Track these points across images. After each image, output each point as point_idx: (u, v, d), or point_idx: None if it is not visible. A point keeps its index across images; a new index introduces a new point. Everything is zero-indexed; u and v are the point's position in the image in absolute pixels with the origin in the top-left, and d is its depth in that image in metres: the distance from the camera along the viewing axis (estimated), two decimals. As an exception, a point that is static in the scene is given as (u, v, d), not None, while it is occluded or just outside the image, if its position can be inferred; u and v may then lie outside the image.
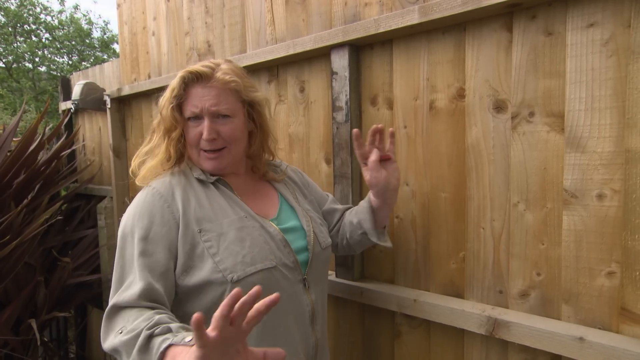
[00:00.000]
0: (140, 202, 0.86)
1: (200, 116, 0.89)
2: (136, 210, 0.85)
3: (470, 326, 0.98)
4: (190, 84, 0.89)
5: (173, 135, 0.90)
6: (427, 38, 1.06)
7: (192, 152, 0.93)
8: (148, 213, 0.84)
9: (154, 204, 0.85)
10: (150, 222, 0.83)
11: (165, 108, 0.89)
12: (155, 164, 0.91)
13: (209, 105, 0.87)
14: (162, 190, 0.87)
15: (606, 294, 0.84)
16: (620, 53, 0.80)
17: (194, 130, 0.90)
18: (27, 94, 11.58)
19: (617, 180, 0.82)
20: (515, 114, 0.93)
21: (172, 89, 0.89)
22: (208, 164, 0.92)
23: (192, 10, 1.71)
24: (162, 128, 0.91)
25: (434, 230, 1.09)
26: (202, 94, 0.88)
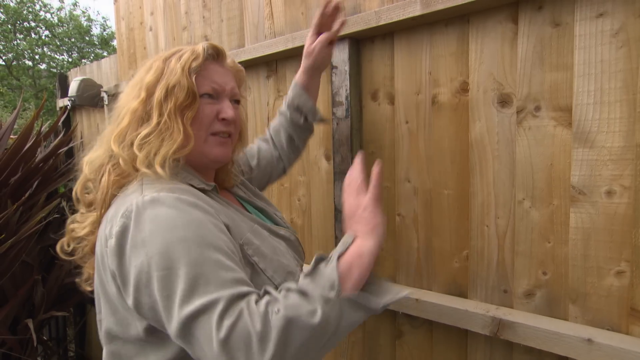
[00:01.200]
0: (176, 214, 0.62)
1: (217, 95, 0.77)
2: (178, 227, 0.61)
3: (473, 327, 0.95)
4: (208, 59, 0.77)
5: (189, 114, 0.73)
6: (429, 30, 1.03)
7: (197, 134, 0.75)
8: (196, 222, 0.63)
9: (196, 214, 0.64)
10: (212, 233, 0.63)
11: (184, 78, 0.72)
12: (172, 149, 0.70)
13: (232, 86, 0.79)
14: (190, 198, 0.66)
15: (615, 293, 0.82)
16: (631, 44, 0.77)
17: (209, 108, 0.76)
18: (27, 92, 11.55)
19: (627, 176, 0.79)
20: (521, 109, 0.90)
21: (191, 59, 0.74)
22: (218, 150, 0.77)
23: (189, 5, 1.68)
24: (172, 104, 0.71)
25: (436, 228, 1.06)
26: (222, 73, 0.79)
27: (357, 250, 0.66)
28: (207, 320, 0.55)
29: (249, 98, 1.49)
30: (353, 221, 0.72)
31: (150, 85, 0.73)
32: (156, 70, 0.75)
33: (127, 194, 0.68)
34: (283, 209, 1.42)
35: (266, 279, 0.71)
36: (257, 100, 1.47)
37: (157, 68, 0.75)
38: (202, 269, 0.58)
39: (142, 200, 0.63)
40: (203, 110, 0.75)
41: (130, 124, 0.73)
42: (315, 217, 1.33)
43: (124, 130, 0.72)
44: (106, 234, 0.65)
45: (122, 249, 0.62)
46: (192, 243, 0.59)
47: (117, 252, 0.62)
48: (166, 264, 0.58)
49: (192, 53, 0.75)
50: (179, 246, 0.59)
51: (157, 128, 0.71)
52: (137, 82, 0.77)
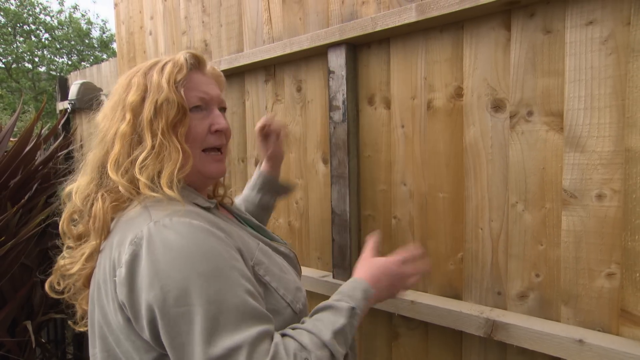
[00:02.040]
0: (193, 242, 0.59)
1: (206, 106, 0.74)
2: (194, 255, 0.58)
3: (468, 328, 0.97)
4: (191, 69, 0.74)
5: (182, 131, 0.69)
6: (424, 36, 1.05)
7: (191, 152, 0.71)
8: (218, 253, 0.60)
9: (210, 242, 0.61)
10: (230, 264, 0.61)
11: (172, 92, 0.68)
12: (176, 168, 0.66)
13: (217, 93, 0.76)
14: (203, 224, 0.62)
15: (606, 295, 0.83)
16: (619, 51, 0.78)
17: (199, 124, 0.72)
18: (27, 94, 11.56)
19: (616, 180, 0.80)
20: (514, 113, 0.92)
21: (175, 72, 0.70)
22: (215, 167, 0.75)
23: (189, 10, 1.70)
24: (163, 122, 0.67)
25: (431, 231, 1.07)
26: (205, 81, 0.75)
27: (370, 304, 0.74)
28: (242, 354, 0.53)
29: (247, 102, 1.51)
30: (388, 280, 0.79)
31: (135, 104, 0.69)
32: (138, 87, 0.70)
33: (132, 218, 0.64)
34: (281, 212, 1.44)
35: (279, 298, 0.69)
36: (255, 105, 1.48)
37: (138, 85, 0.70)
38: (222, 307, 0.55)
39: (153, 226, 0.59)
40: (194, 126, 0.71)
41: (122, 149, 0.68)
42: (313, 220, 1.34)
43: (117, 157, 0.67)
44: (113, 262, 0.61)
45: (133, 279, 0.57)
46: (210, 277, 0.56)
47: (128, 283, 0.58)
48: (185, 300, 0.55)
49: (174, 65, 0.71)
50: (197, 281, 0.56)
51: (154, 150, 0.67)
52: (117, 102, 0.71)
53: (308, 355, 0.58)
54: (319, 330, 0.62)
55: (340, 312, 0.67)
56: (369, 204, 1.20)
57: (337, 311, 0.67)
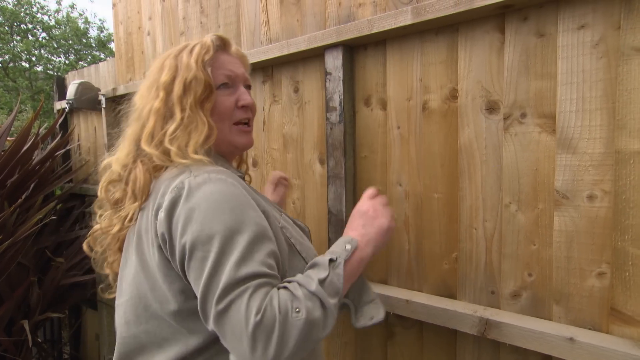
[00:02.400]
0: (223, 196, 0.66)
1: (232, 83, 0.81)
2: (224, 206, 0.65)
3: (462, 327, 0.98)
4: (217, 50, 0.81)
5: (207, 106, 0.76)
6: (420, 39, 1.06)
7: (221, 126, 0.79)
8: (244, 206, 0.67)
9: (242, 195, 0.68)
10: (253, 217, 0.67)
11: (200, 71, 0.76)
12: (201, 139, 0.74)
13: (242, 71, 0.83)
14: (233, 180, 0.70)
15: (596, 294, 0.85)
16: (610, 55, 0.80)
17: (227, 99, 0.80)
18: (24, 94, 11.53)
19: (607, 181, 0.82)
20: (507, 115, 0.94)
21: (202, 52, 0.77)
22: (244, 138, 0.83)
23: (187, 10, 1.71)
24: (192, 97, 0.75)
25: (426, 231, 1.09)
26: (231, 61, 0.82)
27: (359, 257, 0.74)
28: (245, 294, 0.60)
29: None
30: (365, 222, 0.79)
31: (167, 83, 0.77)
32: (170, 68, 0.78)
33: (174, 175, 0.70)
34: (278, 211, 1.45)
35: (301, 260, 0.76)
36: (253, 105, 1.50)
37: (170, 66, 0.78)
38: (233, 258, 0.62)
39: (194, 179, 0.67)
40: (222, 102, 0.79)
41: (156, 123, 0.76)
42: (310, 220, 1.35)
43: (151, 130, 0.76)
44: (157, 208, 0.68)
45: (171, 220, 0.65)
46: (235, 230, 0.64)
47: (165, 224, 0.66)
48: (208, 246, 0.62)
49: (202, 46, 0.78)
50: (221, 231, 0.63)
51: (182, 123, 0.74)
52: (152, 82, 0.80)
53: (299, 305, 0.61)
54: (307, 283, 0.65)
55: (322, 266, 0.69)
56: (365, 204, 1.21)
57: (320, 266, 0.69)
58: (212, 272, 0.61)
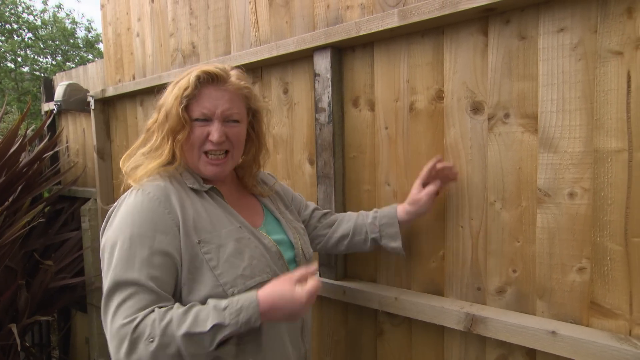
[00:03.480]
0: (137, 207, 0.79)
1: (209, 118, 0.86)
2: (134, 216, 0.78)
3: (449, 323, 1.00)
4: (203, 85, 0.85)
5: (179, 137, 0.84)
6: (407, 41, 1.08)
7: (191, 154, 0.87)
8: (149, 220, 0.78)
9: (153, 210, 0.79)
10: (154, 229, 0.77)
11: (175, 107, 0.83)
12: (155, 166, 0.85)
13: (223, 109, 0.86)
14: (160, 195, 0.81)
15: (577, 289, 0.87)
16: (588, 57, 0.83)
17: (200, 130, 0.86)
18: (9, 95, 11.33)
19: (586, 179, 0.85)
20: (492, 115, 0.96)
21: (184, 88, 0.84)
22: (210, 169, 0.88)
23: (176, 12, 1.71)
24: (167, 128, 0.84)
25: (414, 230, 1.11)
26: (215, 96, 0.86)
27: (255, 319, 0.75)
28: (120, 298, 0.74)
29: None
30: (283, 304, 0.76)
31: (161, 105, 0.88)
32: (169, 90, 0.88)
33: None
34: (268, 212, 1.45)
35: (212, 276, 0.79)
36: (243, 106, 1.50)
37: (169, 89, 0.88)
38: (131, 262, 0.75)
39: (129, 192, 0.85)
40: (194, 132, 0.86)
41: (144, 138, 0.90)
42: (300, 219, 1.36)
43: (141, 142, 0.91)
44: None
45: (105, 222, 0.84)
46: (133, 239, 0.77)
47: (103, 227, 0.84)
48: (111, 249, 0.78)
49: (186, 81, 0.85)
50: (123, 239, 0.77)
51: (154, 146, 0.87)
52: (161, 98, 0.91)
53: (154, 337, 0.70)
54: (180, 323, 0.71)
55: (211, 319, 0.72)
56: (354, 204, 1.22)
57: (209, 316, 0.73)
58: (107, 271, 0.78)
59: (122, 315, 0.72)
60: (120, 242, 0.77)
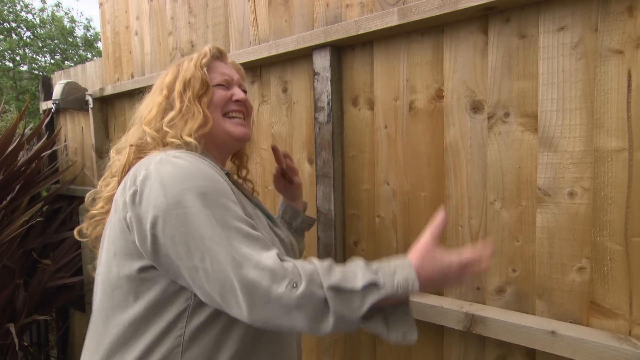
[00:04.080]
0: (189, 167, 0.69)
1: (228, 85, 0.89)
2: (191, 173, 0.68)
3: (449, 322, 1.00)
4: (213, 59, 0.90)
5: (205, 100, 0.84)
6: (406, 39, 1.08)
7: (216, 116, 0.86)
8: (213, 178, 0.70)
9: (211, 172, 0.72)
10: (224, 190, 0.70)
11: (198, 69, 0.85)
12: (196, 126, 0.81)
13: (238, 77, 0.92)
14: (207, 161, 0.75)
15: (577, 288, 0.87)
16: (588, 56, 0.83)
17: (222, 93, 0.87)
18: (8, 94, 11.30)
19: (586, 179, 0.85)
20: (492, 115, 0.96)
21: (201, 57, 0.87)
22: (240, 129, 0.88)
23: (175, 10, 1.70)
24: (191, 92, 0.83)
25: (414, 229, 1.10)
26: (227, 68, 0.91)
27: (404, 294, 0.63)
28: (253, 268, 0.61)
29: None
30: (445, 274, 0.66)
31: (170, 83, 0.86)
32: (172, 72, 0.88)
33: (151, 155, 0.75)
34: (267, 211, 1.45)
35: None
36: (242, 105, 1.50)
37: (173, 71, 0.88)
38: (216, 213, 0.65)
39: (165, 155, 0.72)
40: (218, 94, 0.87)
41: (157, 114, 0.83)
42: (299, 219, 1.36)
43: (152, 119, 0.83)
44: (127, 183, 0.71)
45: (142, 192, 0.67)
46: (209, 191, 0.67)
47: (137, 195, 0.68)
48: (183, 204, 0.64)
49: (200, 53, 0.88)
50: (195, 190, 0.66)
51: (180, 112, 0.82)
52: (157, 85, 0.89)
53: (297, 282, 0.60)
54: (326, 273, 0.61)
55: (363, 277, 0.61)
56: (354, 203, 1.22)
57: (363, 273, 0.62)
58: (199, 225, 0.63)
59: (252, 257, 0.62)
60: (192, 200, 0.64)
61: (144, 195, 0.67)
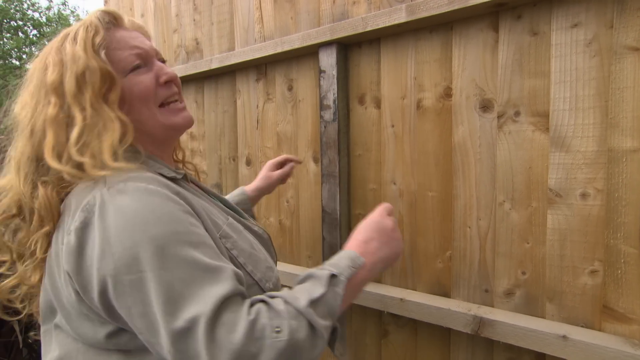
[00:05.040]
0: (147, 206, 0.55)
1: (144, 63, 0.68)
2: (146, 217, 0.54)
3: (456, 325, 0.98)
4: (110, 28, 0.67)
5: (113, 97, 0.63)
6: (414, 37, 1.06)
7: (147, 111, 0.67)
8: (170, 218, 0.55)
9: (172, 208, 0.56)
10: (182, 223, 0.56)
11: (92, 58, 0.62)
12: (115, 139, 0.60)
13: (150, 45, 0.70)
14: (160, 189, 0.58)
15: (589, 292, 0.85)
16: (603, 53, 0.80)
17: (144, 80, 0.67)
18: (13, 92, 11.37)
19: (600, 180, 0.82)
20: (501, 114, 0.94)
21: (91, 35, 0.63)
22: (180, 116, 0.71)
23: (180, 7, 1.69)
24: (90, 93, 0.61)
25: (421, 230, 1.09)
26: (133, 36, 0.69)
27: (363, 277, 0.64)
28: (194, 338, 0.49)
29: (238, 101, 1.51)
30: (380, 240, 0.69)
31: (56, 84, 0.62)
32: (54, 64, 0.63)
33: (87, 186, 0.59)
34: (272, 210, 1.44)
35: (246, 273, 0.65)
36: (246, 103, 1.48)
37: (54, 62, 0.63)
38: (179, 272, 0.52)
39: (106, 192, 0.55)
40: (139, 83, 0.66)
41: (56, 134, 0.61)
42: (304, 218, 1.35)
43: (53, 144, 0.61)
44: (64, 230, 0.57)
45: (83, 247, 0.54)
46: (165, 241, 0.53)
47: (77, 251, 0.54)
48: (137, 267, 0.51)
49: (87, 29, 0.64)
50: (149, 246, 0.52)
51: (86, 125, 0.60)
52: (36, 87, 0.64)
53: (280, 324, 0.51)
54: (294, 299, 0.55)
55: (320, 280, 0.59)
56: (360, 203, 1.20)
57: (316, 279, 0.60)
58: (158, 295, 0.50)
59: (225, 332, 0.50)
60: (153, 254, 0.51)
61: (86, 252, 0.53)
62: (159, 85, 0.69)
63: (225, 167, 1.58)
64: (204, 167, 1.66)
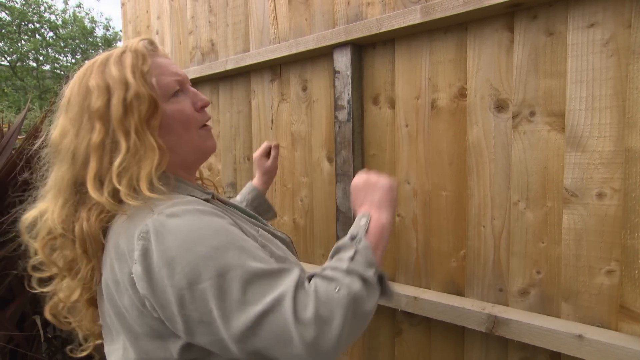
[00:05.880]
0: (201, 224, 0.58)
1: (182, 87, 0.72)
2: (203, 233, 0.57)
3: (470, 324, 0.99)
4: (152, 56, 0.70)
5: (154, 123, 0.64)
6: (429, 37, 1.07)
7: (189, 136, 0.70)
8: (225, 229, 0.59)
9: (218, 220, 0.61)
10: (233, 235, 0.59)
11: (142, 85, 0.64)
12: (154, 167, 0.62)
13: (183, 72, 0.74)
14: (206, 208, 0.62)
15: (605, 292, 0.85)
16: (620, 53, 0.80)
17: (184, 105, 0.70)
18: (31, 93, 11.64)
19: (617, 179, 0.82)
20: (516, 114, 0.94)
21: (140, 62, 0.66)
22: (211, 142, 0.76)
23: (195, 9, 1.72)
24: (136, 119, 0.63)
25: (435, 229, 1.09)
26: (169, 63, 0.72)
27: (378, 225, 0.70)
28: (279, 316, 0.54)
29: (253, 101, 1.53)
30: (366, 192, 0.76)
31: (102, 110, 0.63)
32: (99, 89, 0.64)
33: (133, 215, 0.60)
34: (286, 209, 1.46)
35: None
36: (261, 104, 1.51)
37: (98, 87, 0.64)
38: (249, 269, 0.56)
39: (157, 217, 0.57)
40: (182, 110, 0.69)
41: (100, 161, 0.62)
42: (318, 217, 1.36)
43: (97, 171, 0.62)
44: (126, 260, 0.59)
45: (149, 272, 0.56)
46: (228, 248, 0.57)
47: (145, 277, 0.56)
48: (207, 274, 0.54)
49: (135, 55, 0.66)
50: (215, 254, 0.55)
51: (129, 152, 0.62)
52: (78, 113, 0.65)
53: (337, 284, 0.58)
54: (338, 264, 0.62)
55: (345, 246, 0.66)
56: (373, 202, 1.21)
57: (342, 247, 0.66)
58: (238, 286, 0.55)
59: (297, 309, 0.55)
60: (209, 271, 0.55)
61: (154, 276, 0.56)
62: (196, 110, 0.72)
63: (240, 167, 1.61)
64: (219, 167, 1.69)
